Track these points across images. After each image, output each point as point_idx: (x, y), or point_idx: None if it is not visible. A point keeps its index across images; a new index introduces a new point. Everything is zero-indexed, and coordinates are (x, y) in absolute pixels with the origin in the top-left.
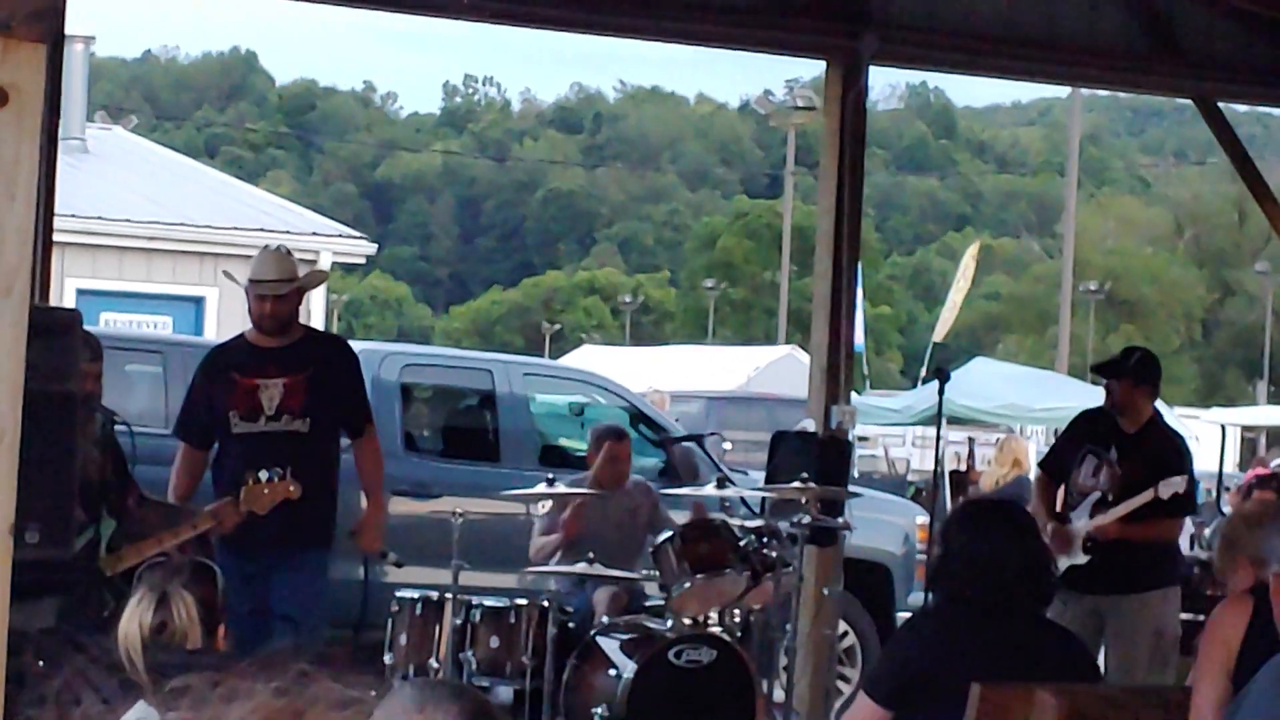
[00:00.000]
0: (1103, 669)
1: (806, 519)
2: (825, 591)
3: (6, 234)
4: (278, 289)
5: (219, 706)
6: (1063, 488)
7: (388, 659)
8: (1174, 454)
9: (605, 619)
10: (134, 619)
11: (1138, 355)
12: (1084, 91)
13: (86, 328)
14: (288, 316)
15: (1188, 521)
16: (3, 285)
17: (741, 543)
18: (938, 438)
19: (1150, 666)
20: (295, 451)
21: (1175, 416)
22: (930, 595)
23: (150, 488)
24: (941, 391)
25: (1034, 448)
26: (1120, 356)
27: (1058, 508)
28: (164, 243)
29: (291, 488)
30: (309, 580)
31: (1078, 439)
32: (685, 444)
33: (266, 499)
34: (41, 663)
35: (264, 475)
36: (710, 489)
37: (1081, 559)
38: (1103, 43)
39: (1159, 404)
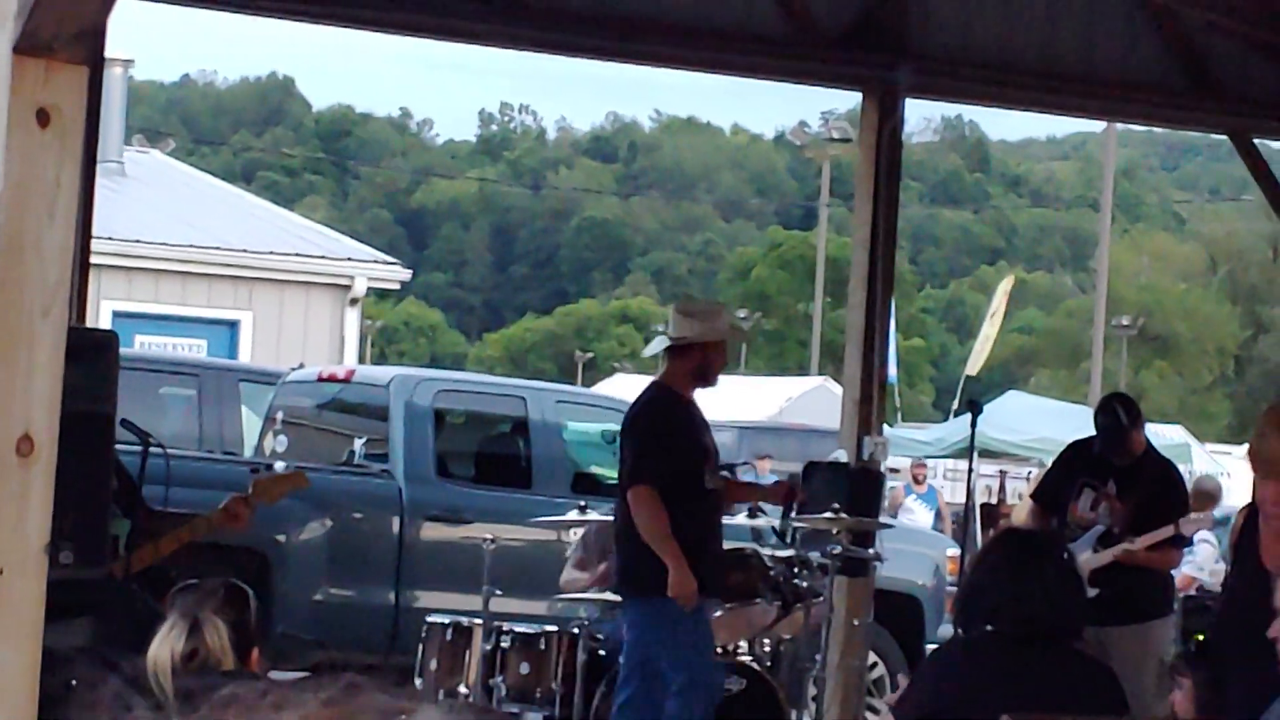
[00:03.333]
0: None
1: (838, 549)
2: (855, 622)
3: (46, 254)
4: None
5: (268, 714)
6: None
7: (418, 683)
8: (1171, 485)
9: None
10: (165, 645)
11: (1118, 405)
12: (1119, 126)
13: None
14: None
15: (1216, 556)
16: (42, 305)
17: (772, 572)
18: (969, 470)
19: (1158, 694)
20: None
21: (1207, 453)
22: (959, 626)
23: (185, 509)
24: (974, 424)
25: None
26: (1109, 422)
27: None
28: (199, 266)
29: (299, 478)
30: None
31: (1072, 471)
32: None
33: (275, 490)
34: (75, 682)
35: (279, 467)
36: (742, 518)
37: (1091, 592)
38: (1139, 78)
39: (1190, 439)
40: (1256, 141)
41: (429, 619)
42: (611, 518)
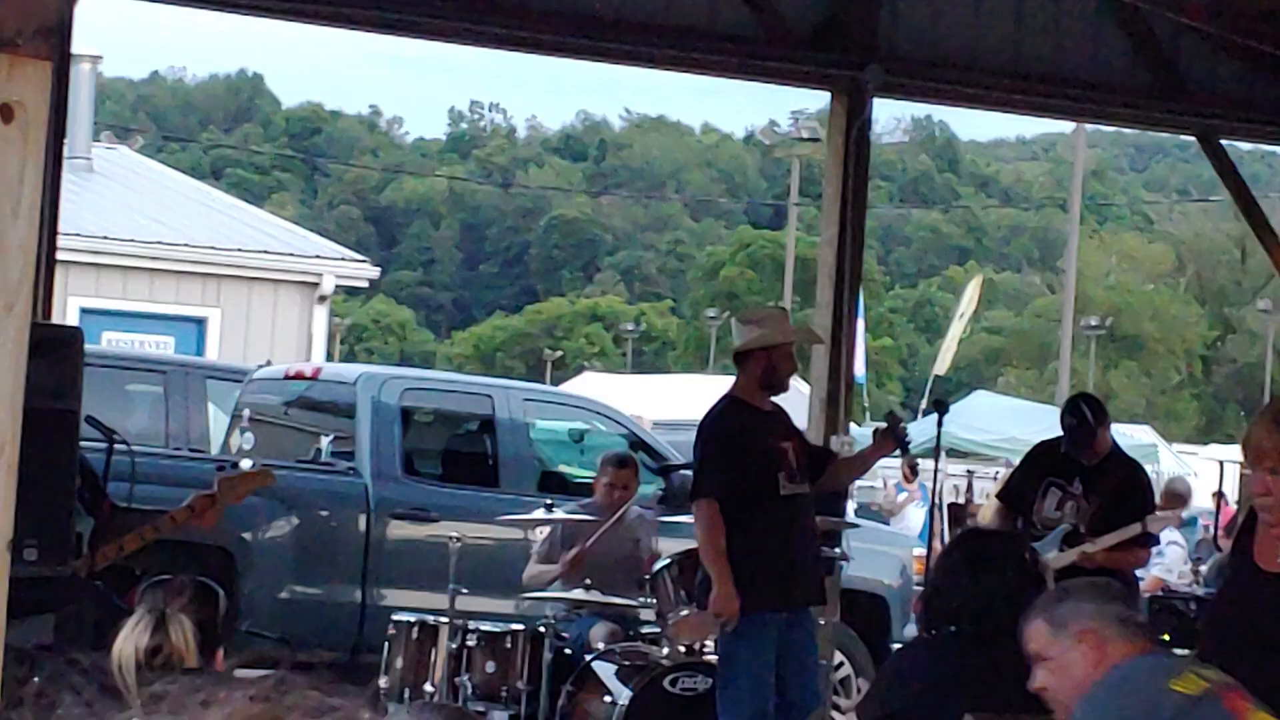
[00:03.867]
0: None
1: None
2: (821, 622)
3: (9, 250)
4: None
5: (196, 712)
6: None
7: (383, 681)
8: (1138, 485)
9: (601, 645)
10: (130, 640)
11: (1084, 405)
12: (1088, 127)
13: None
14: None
15: (1185, 558)
16: (4, 302)
17: None
18: (935, 470)
19: None
20: (810, 512)
21: (1174, 453)
22: (922, 626)
23: (151, 506)
24: (940, 424)
25: None
26: (1075, 422)
27: None
28: (167, 263)
29: (264, 476)
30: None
31: (1038, 471)
32: (684, 472)
33: (240, 488)
34: (37, 679)
35: (246, 465)
36: None
37: None
38: (1108, 79)
39: (1157, 439)
40: (1224, 142)
41: (395, 617)
42: (579, 516)
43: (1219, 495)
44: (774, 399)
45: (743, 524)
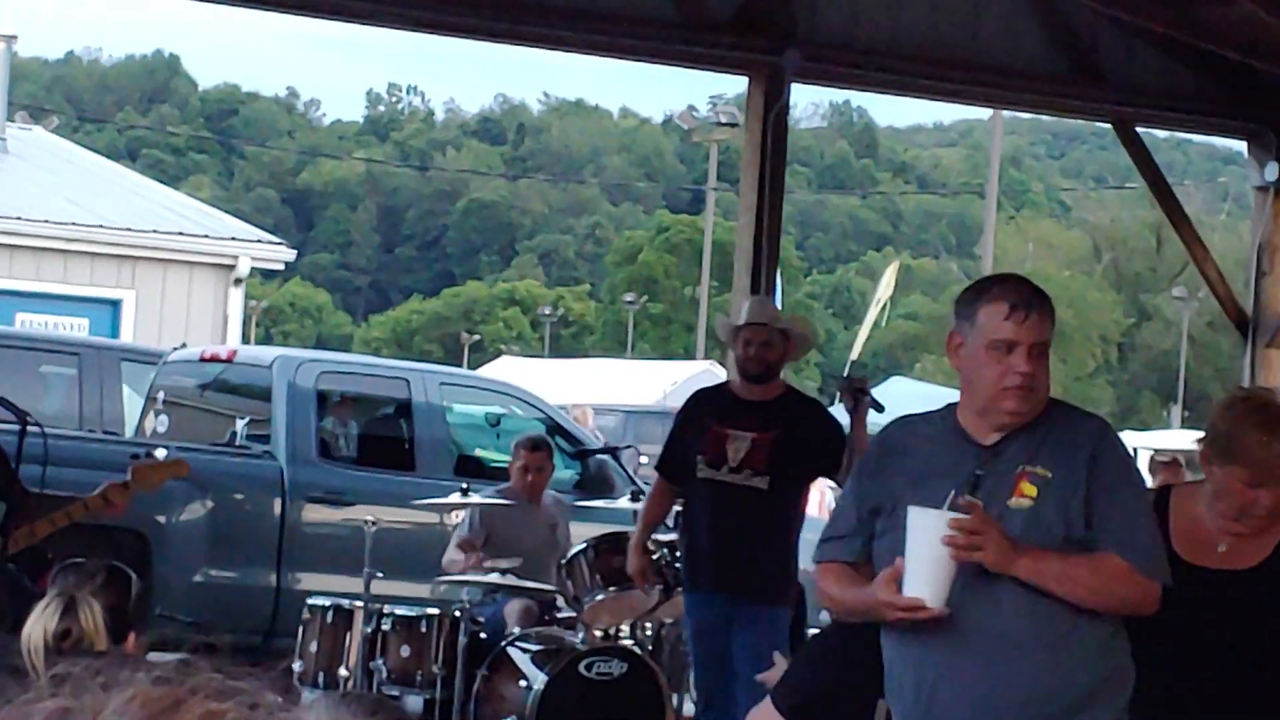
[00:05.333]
0: None
1: None
2: None
3: None
4: (753, 331)
5: (97, 694)
6: None
7: (297, 666)
8: None
9: (517, 630)
10: (39, 624)
11: None
12: (1005, 114)
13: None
14: (766, 362)
15: None
16: None
17: (655, 556)
18: (851, 456)
19: None
20: (751, 505)
21: None
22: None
23: (60, 488)
24: (852, 408)
25: None
26: None
27: None
28: (82, 244)
29: (179, 466)
30: (768, 640)
31: None
32: (600, 456)
33: (155, 477)
34: None
35: (161, 454)
36: (625, 502)
37: None
38: (1025, 66)
39: None
40: (1139, 130)
41: (310, 601)
42: (495, 501)
43: None
44: (789, 391)
45: (684, 501)
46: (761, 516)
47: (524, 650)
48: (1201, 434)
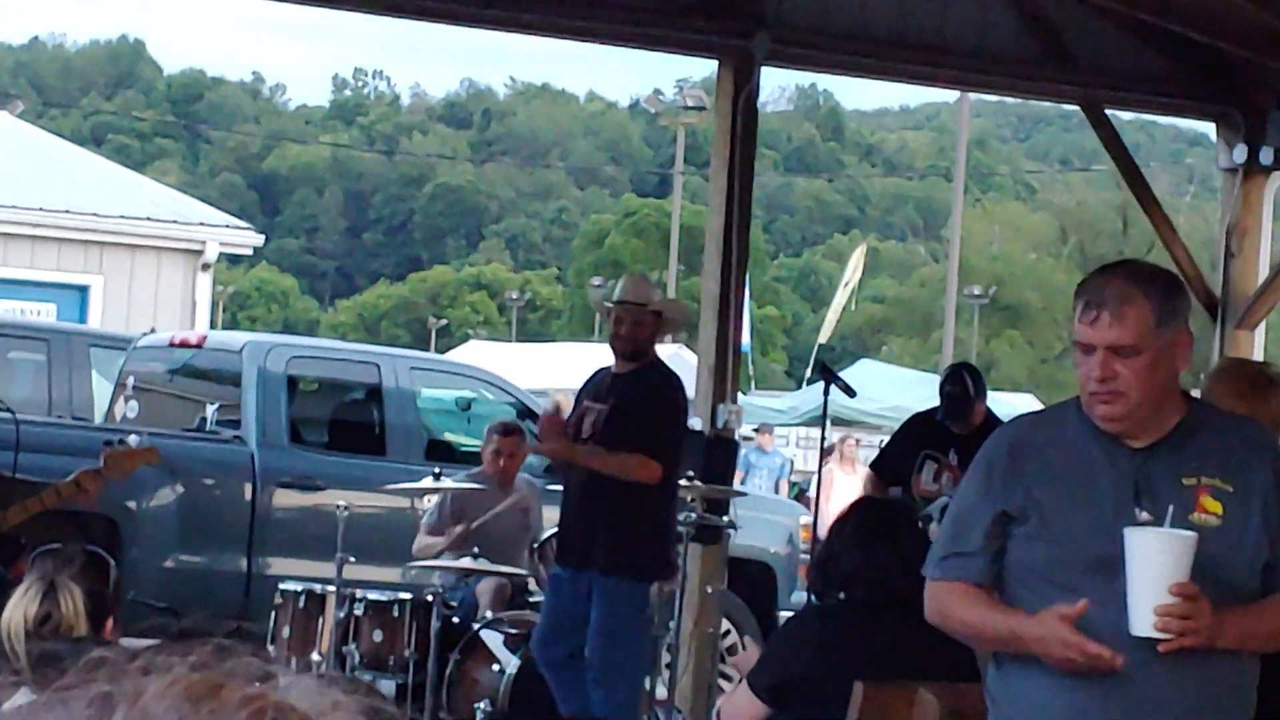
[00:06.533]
0: None
1: (692, 516)
2: (709, 589)
3: None
4: (625, 310)
5: (137, 679)
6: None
7: (270, 651)
8: None
9: (489, 613)
10: (19, 608)
11: (966, 375)
12: (972, 96)
13: None
14: (636, 341)
15: None
16: None
17: None
18: (822, 437)
19: None
20: (592, 477)
21: None
22: (814, 593)
23: (32, 474)
24: (827, 390)
25: None
26: (956, 391)
27: None
28: (49, 230)
29: (151, 453)
30: (614, 612)
31: (913, 443)
32: None
33: (127, 464)
34: None
35: (133, 440)
36: None
37: None
38: (994, 48)
39: (1040, 407)
40: (1108, 112)
41: (282, 586)
42: (467, 485)
43: None
44: (650, 365)
45: None
46: (600, 488)
47: (496, 634)
48: None
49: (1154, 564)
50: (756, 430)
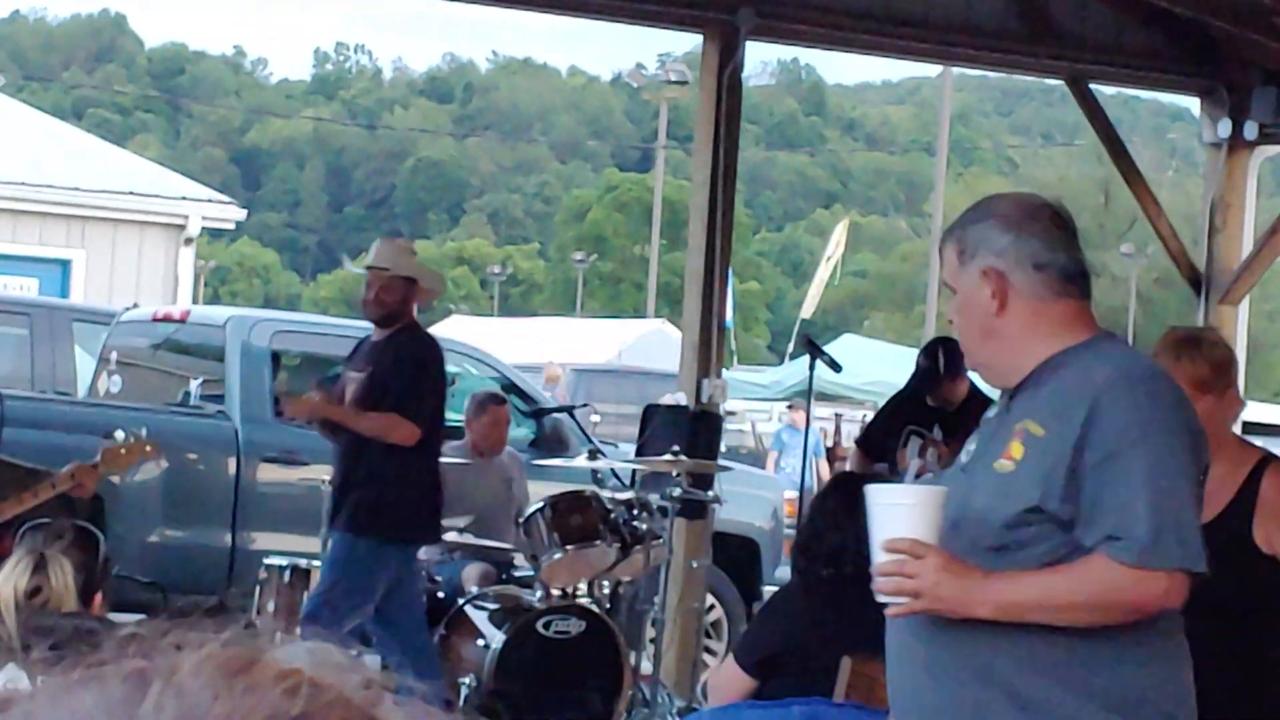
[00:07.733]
0: None
1: (677, 492)
2: (694, 564)
3: None
4: (374, 275)
5: (170, 654)
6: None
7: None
8: None
9: (474, 589)
10: (9, 581)
11: (940, 349)
12: (954, 71)
13: None
14: (385, 306)
15: None
16: None
17: (612, 515)
18: (808, 413)
19: None
20: (348, 442)
21: None
22: (797, 570)
23: (15, 449)
24: (813, 365)
25: None
26: (928, 365)
27: None
28: (31, 204)
29: (148, 448)
30: (330, 563)
31: (898, 419)
32: (557, 415)
33: (124, 460)
34: None
35: (120, 436)
36: (581, 460)
37: None
38: (977, 22)
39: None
40: (1091, 86)
41: (266, 561)
42: (451, 459)
43: None
44: (405, 331)
45: None
46: (357, 450)
47: (482, 609)
48: None
49: (879, 521)
50: (790, 407)
